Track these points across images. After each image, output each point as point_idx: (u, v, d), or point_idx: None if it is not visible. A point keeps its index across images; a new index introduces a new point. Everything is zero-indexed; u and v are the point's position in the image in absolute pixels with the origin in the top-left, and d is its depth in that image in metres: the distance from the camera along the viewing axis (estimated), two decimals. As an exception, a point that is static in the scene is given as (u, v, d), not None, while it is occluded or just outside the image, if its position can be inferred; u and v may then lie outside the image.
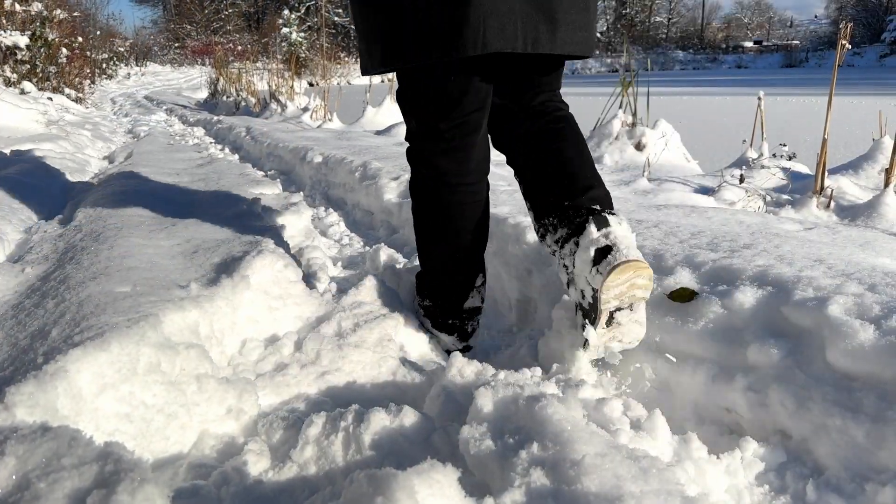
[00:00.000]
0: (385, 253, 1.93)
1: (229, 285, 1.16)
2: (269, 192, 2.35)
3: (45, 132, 3.93)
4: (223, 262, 1.29)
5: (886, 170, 3.13)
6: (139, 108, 12.47)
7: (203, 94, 16.44)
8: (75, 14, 12.10)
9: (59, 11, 11.21)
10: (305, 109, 9.12)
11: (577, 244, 1.16)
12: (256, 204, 1.92)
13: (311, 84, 38.14)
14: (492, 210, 2.03)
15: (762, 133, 3.87)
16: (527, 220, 1.78)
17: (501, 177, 2.95)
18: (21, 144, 3.35)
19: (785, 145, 3.50)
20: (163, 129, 6.39)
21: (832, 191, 3.15)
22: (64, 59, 11.27)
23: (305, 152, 3.78)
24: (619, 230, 1.17)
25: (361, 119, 7.68)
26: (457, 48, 1.12)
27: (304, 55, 38.10)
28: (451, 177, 1.37)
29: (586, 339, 1.08)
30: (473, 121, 1.31)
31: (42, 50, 10.30)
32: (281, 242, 1.58)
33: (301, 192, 3.02)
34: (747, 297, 1.15)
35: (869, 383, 0.95)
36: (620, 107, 5.17)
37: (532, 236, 1.66)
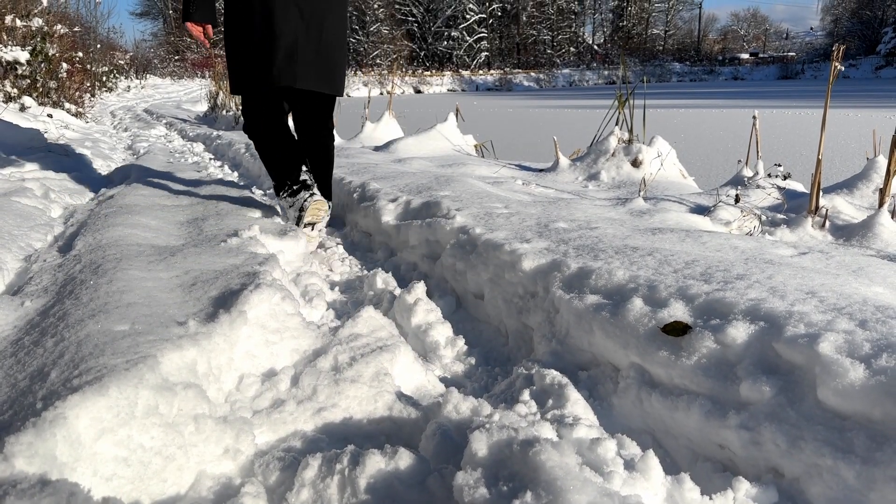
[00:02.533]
0: (381, 278, 1.94)
1: (227, 321, 1.17)
2: (267, 216, 2.36)
3: (44, 150, 3.94)
4: (221, 295, 1.30)
5: (880, 190, 3.16)
6: (139, 122, 12.51)
7: (203, 106, 16.50)
8: (76, 29, 12.15)
9: (59, 26, 11.28)
10: (304, 124, 9.18)
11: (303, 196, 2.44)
12: (254, 230, 1.93)
13: (310, 96, 38.00)
14: (488, 235, 2.04)
15: (757, 151, 3.90)
16: (523, 246, 1.79)
17: (499, 198, 2.96)
18: (20, 164, 3.36)
19: (780, 165, 3.52)
20: (162, 145, 6.41)
21: (827, 210, 3.17)
22: (64, 74, 11.32)
23: (304, 171, 3.80)
24: (318, 199, 2.45)
25: (360, 134, 7.71)
26: (262, 85, 2.30)
27: (303, 68, 38.32)
28: (267, 131, 2.47)
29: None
30: (276, 113, 2.46)
31: (42, 65, 10.36)
32: (278, 270, 1.59)
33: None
34: (740, 332, 1.16)
35: (860, 423, 0.96)
36: (617, 123, 5.21)
37: (528, 263, 1.67)
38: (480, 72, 52.80)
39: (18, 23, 10.11)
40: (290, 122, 2.55)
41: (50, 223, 2.25)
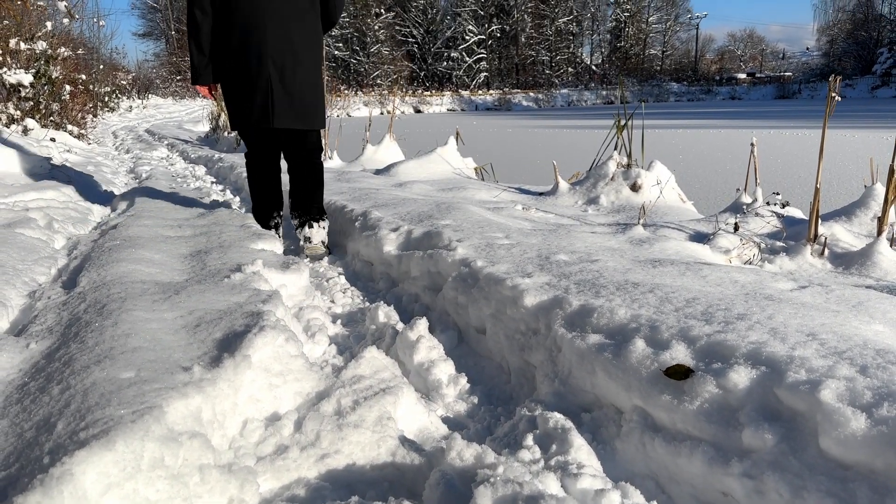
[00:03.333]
0: (383, 312, 1.95)
1: (231, 366, 1.17)
2: (269, 247, 2.38)
3: (48, 178, 3.97)
4: (225, 337, 1.31)
5: (879, 218, 3.18)
6: (141, 143, 12.58)
7: (204, 127, 16.60)
8: (79, 52, 12.27)
9: (63, 49, 11.41)
10: (305, 146, 9.23)
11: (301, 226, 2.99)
12: (257, 265, 1.94)
13: (310, 116, 38.23)
14: (489, 269, 2.06)
15: (756, 178, 3.92)
16: (525, 281, 1.80)
17: (499, 227, 2.98)
18: (24, 193, 3.38)
19: (778, 194, 3.55)
20: (164, 168, 6.45)
21: (826, 239, 3.19)
22: (67, 96, 11.42)
23: (305, 198, 3.82)
24: (315, 236, 2.98)
25: (361, 157, 7.75)
26: (249, 123, 2.79)
27: (304, 88, 38.66)
28: (258, 166, 2.98)
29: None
30: (267, 151, 2.96)
31: (46, 87, 10.45)
32: (282, 308, 1.60)
33: (302, 254, 3.05)
34: (741, 377, 1.17)
35: (862, 473, 0.96)
36: (616, 148, 5.25)
37: (530, 300, 1.68)
38: (480, 92, 53.22)
39: (22, 46, 10.23)
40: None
41: (53, 255, 2.26)
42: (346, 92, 45.13)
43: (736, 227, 3.29)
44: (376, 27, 49.42)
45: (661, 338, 1.36)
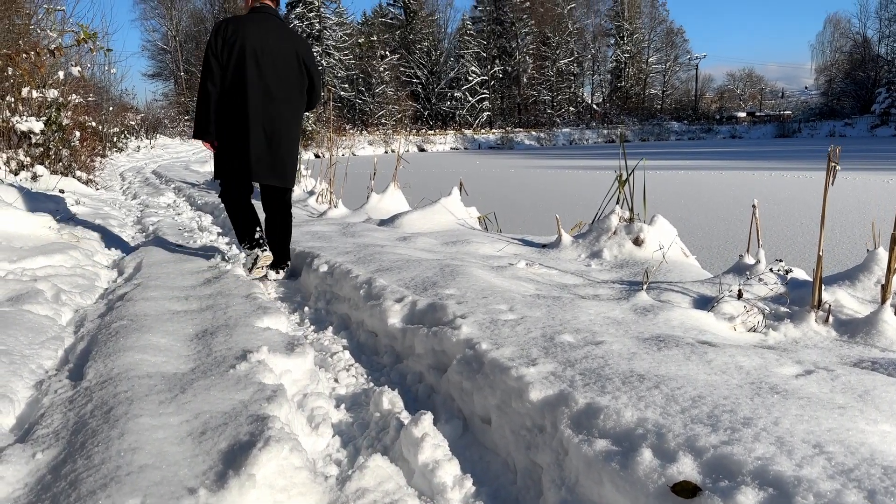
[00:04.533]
0: (387, 398, 1.95)
1: (236, 486, 1.17)
2: (275, 325, 2.39)
3: (55, 239, 4.01)
4: (230, 449, 1.31)
5: (882, 286, 3.18)
6: (148, 187, 12.73)
7: (211, 167, 16.80)
8: (90, 98, 12.53)
9: (74, 96, 11.64)
10: (311, 193, 9.33)
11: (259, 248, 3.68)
12: (262, 352, 1.95)
13: (316, 156, 39.14)
14: (494, 353, 2.06)
15: (758, 240, 3.94)
16: (530, 372, 1.80)
17: (503, 296, 2.98)
18: (32, 258, 3.41)
19: (781, 260, 3.56)
20: (171, 220, 6.51)
21: (830, 306, 3.19)
22: (77, 142, 11.61)
23: (311, 259, 3.85)
24: (266, 255, 3.68)
25: (366, 205, 7.82)
26: (238, 176, 3.56)
27: (310, 128, 39.28)
28: (234, 202, 3.69)
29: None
30: (243, 194, 3.69)
31: (56, 134, 10.64)
32: (286, 406, 1.61)
33: (307, 322, 3.07)
34: (749, 499, 1.16)
35: None
36: (618, 202, 5.30)
37: (536, 394, 1.68)
38: (483, 130, 53.95)
39: (34, 94, 10.45)
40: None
41: (60, 335, 2.28)
42: (351, 131, 45.85)
43: (739, 294, 3.29)
44: (381, 69, 50.41)
45: (668, 447, 1.36)
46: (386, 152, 46.54)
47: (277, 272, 3.87)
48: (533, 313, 2.64)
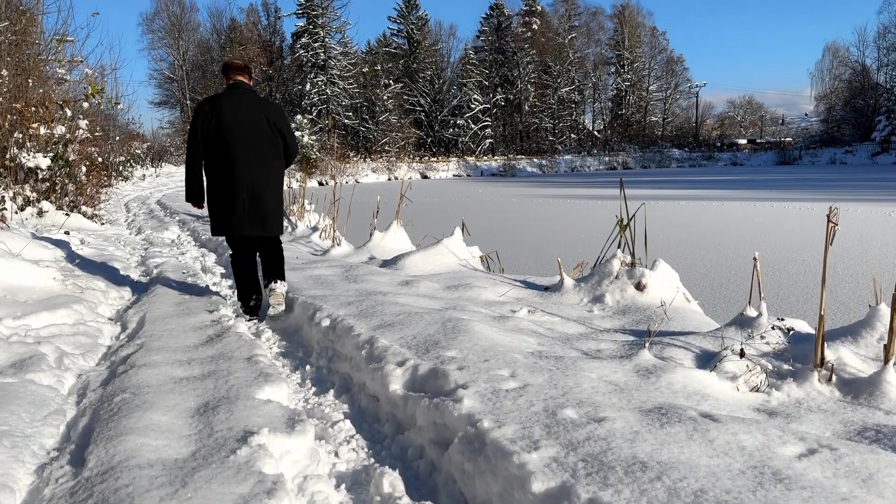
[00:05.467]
0: (388, 481, 1.94)
1: None
2: (276, 395, 2.39)
3: (60, 291, 4.04)
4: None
5: (885, 346, 3.17)
6: (152, 220, 12.82)
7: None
8: (97, 133, 12.69)
9: (81, 131, 11.79)
10: (315, 229, 9.38)
11: (268, 284, 4.31)
12: (263, 434, 1.95)
13: (320, 184, 39.37)
14: (495, 433, 2.05)
15: (760, 293, 3.95)
16: (532, 458, 1.80)
17: (505, 359, 2.97)
18: (36, 314, 3.43)
19: (783, 319, 3.56)
20: (175, 262, 6.54)
21: (833, 365, 3.18)
22: (83, 177, 11.73)
23: (314, 311, 3.86)
24: (279, 289, 4.29)
25: (369, 243, 7.84)
26: (229, 232, 4.14)
27: (314, 157, 39.62)
28: (240, 263, 4.26)
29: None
30: (245, 251, 4.27)
31: (62, 169, 10.75)
32: (286, 499, 1.60)
33: (308, 383, 3.07)
34: None
35: None
36: (619, 246, 5.31)
37: (538, 486, 1.67)
38: (485, 158, 54.33)
39: (42, 130, 10.58)
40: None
41: (62, 408, 2.28)
42: (354, 158, 46.19)
43: (742, 353, 3.28)
44: (385, 97, 51.00)
45: (670, 554, 1.35)
46: (389, 179, 46.83)
47: (280, 281, 4.40)
48: (535, 379, 2.63)
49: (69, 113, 11.25)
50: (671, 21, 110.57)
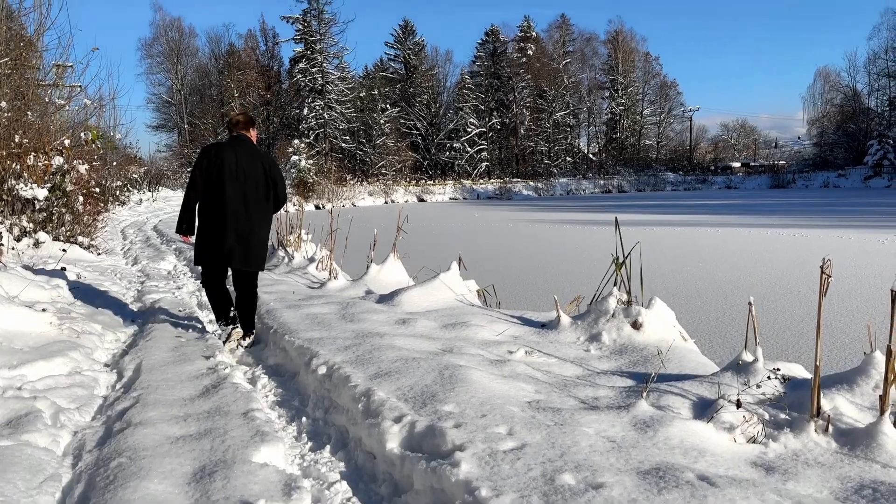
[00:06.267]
0: (387, 554, 1.93)
1: None
2: (272, 458, 2.38)
3: (56, 336, 4.03)
4: None
5: (881, 396, 3.19)
6: (149, 249, 12.81)
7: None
8: (95, 163, 12.74)
9: (78, 161, 11.83)
10: (312, 260, 9.38)
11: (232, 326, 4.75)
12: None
13: (317, 207, 39.42)
14: (494, 501, 2.05)
15: (755, 338, 3.96)
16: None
17: (503, 412, 2.96)
18: (32, 363, 3.42)
19: (779, 369, 3.57)
20: (171, 297, 6.54)
21: (829, 416, 3.19)
22: (80, 207, 11.74)
23: (310, 358, 3.86)
24: (237, 331, 4.71)
25: (366, 276, 7.84)
26: (214, 263, 4.62)
27: (311, 180, 39.76)
28: (213, 287, 4.76)
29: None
30: (219, 277, 4.73)
31: (59, 200, 10.77)
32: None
33: (304, 437, 3.05)
34: None
35: None
36: (615, 284, 5.33)
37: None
38: (481, 181, 54.62)
39: (40, 162, 10.62)
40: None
41: (58, 472, 2.27)
42: (351, 182, 46.36)
43: (738, 404, 3.29)
44: (382, 121, 51.39)
45: None
46: (386, 202, 46.99)
47: (245, 339, 4.73)
48: (533, 437, 2.63)
49: (67, 143, 11.29)
50: (664, 46, 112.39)
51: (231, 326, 4.69)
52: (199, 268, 5.02)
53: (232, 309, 4.75)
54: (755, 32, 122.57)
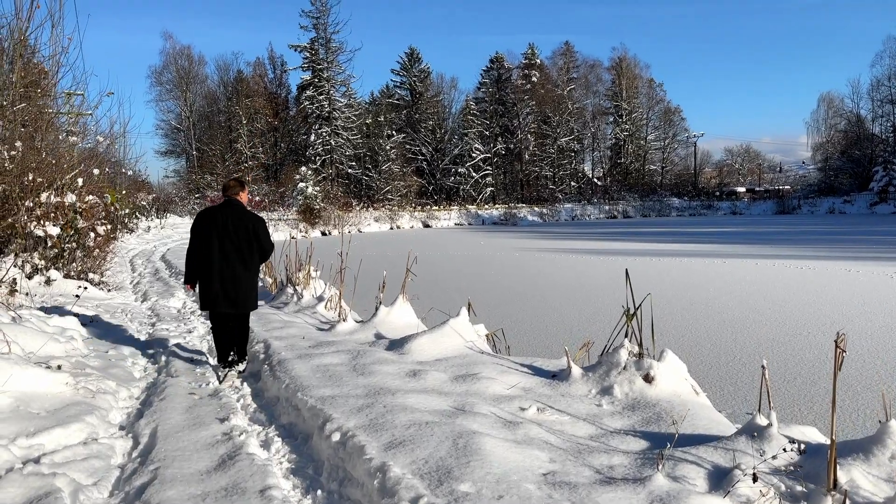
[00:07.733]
0: None
1: None
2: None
3: (72, 397, 4.06)
4: None
5: (898, 471, 3.17)
6: (158, 284, 12.87)
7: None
8: (105, 196, 12.88)
9: (91, 197, 11.97)
10: (321, 299, 9.38)
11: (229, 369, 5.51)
12: None
13: (323, 234, 39.51)
14: None
15: (769, 402, 3.96)
16: None
17: (520, 496, 2.95)
18: (49, 430, 3.44)
19: (794, 441, 3.56)
20: (182, 341, 6.58)
21: (847, 490, 3.18)
22: (91, 243, 11.85)
23: (323, 421, 3.87)
24: (233, 372, 5.50)
25: (374, 318, 7.85)
26: (212, 307, 5.48)
27: (318, 206, 40.03)
28: (217, 331, 5.59)
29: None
30: (222, 323, 5.56)
31: (72, 237, 10.88)
32: None
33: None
34: None
35: None
36: (626, 335, 5.34)
37: None
38: (486, 206, 54.81)
39: (52, 199, 10.75)
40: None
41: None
42: (357, 207, 46.62)
43: (755, 478, 3.28)
44: (388, 147, 51.81)
45: None
46: (391, 228, 47.17)
47: (239, 363, 5.56)
48: (549, 522, 2.63)
49: (80, 182, 11.44)
50: (668, 73, 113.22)
51: (227, 370, 5.41)
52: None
53: (231, 353, 5.50)
54: (757, 57, 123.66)
